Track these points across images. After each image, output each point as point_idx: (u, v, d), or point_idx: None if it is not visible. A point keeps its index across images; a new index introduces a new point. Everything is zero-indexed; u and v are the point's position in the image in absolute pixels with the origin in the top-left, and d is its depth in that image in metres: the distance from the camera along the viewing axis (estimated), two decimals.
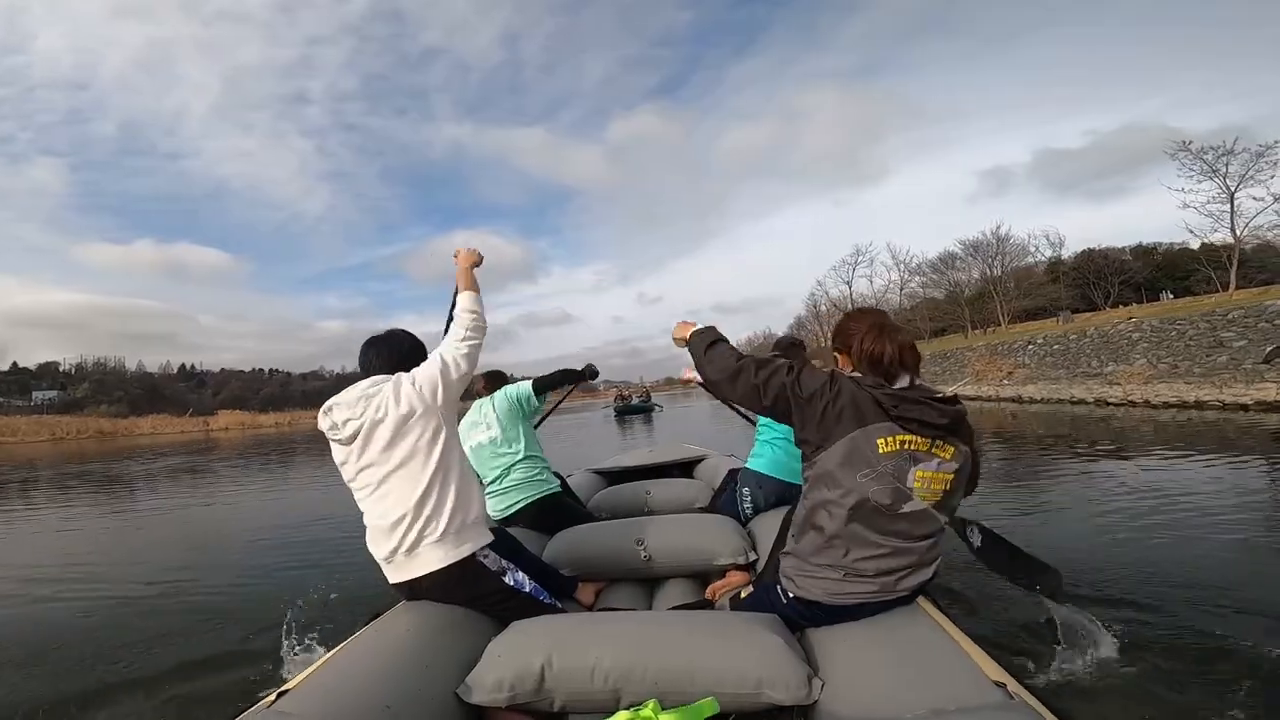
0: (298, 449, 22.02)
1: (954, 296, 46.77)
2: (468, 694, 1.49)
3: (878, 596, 1.56)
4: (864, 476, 1.50)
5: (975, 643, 1.48)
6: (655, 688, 1.44)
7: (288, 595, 3.47)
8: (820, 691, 1.41)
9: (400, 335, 2.00)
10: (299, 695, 1.35)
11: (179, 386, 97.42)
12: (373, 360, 1.93)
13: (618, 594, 2.44)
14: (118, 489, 12.69)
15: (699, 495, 3.42)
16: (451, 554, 1.78)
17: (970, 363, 22.27)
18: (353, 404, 1.79)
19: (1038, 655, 2.27)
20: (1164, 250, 57.48)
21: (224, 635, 3.28)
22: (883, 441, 1.50)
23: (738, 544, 2.43)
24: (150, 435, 53.16)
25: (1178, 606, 2.70)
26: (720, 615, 1.83)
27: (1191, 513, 4.32)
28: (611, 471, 4.57)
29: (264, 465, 16.53)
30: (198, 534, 7.18)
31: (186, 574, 4.88)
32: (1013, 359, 19.94)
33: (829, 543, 1.56)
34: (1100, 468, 6.68)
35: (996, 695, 1.23)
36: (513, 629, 1.66)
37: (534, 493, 2.98)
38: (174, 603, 4.07)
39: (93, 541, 6.97)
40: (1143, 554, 3.50)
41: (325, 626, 2.97)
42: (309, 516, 7.42)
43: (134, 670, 2.90)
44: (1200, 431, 8.90)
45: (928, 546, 1.57)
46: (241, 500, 10.01)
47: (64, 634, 3.47)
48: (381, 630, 1.68)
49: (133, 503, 10.55)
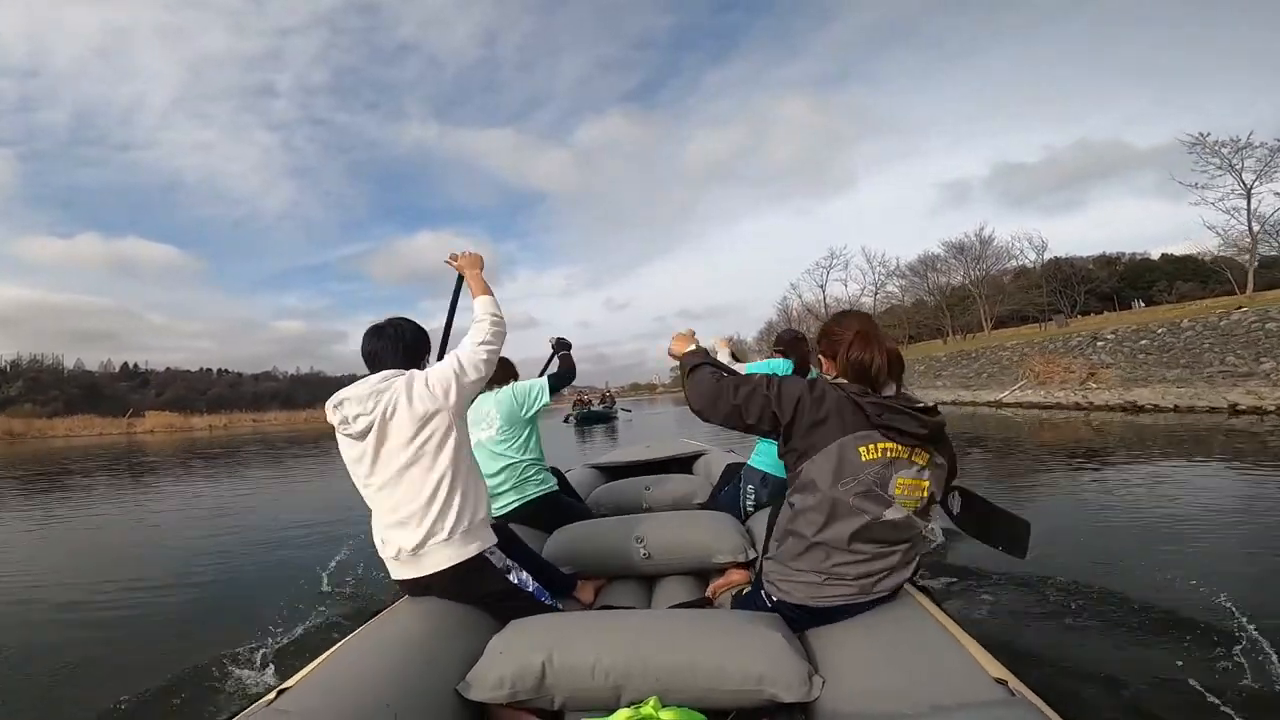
0: (219, 457, 19.05)
1: (932, 301, 43.47)
2: (468, 691, 1.45)
3: (857, 598, 1.56)
4: (845, 485, 1.50)
5: (975, 639, 1.47)
6: (656, 685, 1.41)
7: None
8: (821, 689, 1.38)
9: (402, 324, 1.92)
10: (299, 693, 1.30)
11: (120, 386, 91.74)
12: (378, 352, 1.86)
13: (617, 591, 2.39)
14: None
15: (698, 491, 3.37)
16: (459, 553, 1.74)
17: (1025, 363, 18.15)
18: (364, 399, 1.73)
19: (1038, 652, 2.26)
20: (1126, 260, 56.83)
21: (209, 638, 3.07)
22: (864, 449, 1.50)
23: (737, 541, 2.39)
24: (65, 438, 45.06)
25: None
26: (720, 613, 1.83)
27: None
28: (610, 467, 4.46)
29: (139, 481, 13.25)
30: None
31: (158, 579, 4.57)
32: (1082, 358, 15.86)
33: (809, 549, 1.56)
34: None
35: (998, 692, 1.21)
36: (513, 626, 1.63)
37: (530, 493, 2.89)
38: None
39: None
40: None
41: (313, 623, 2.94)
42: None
43: (127, 674, 2.76)
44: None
45: (906, 549, 1.58)
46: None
47: (41, 644, 3.29)
48: (382, 627, 1.65)
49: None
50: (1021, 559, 1.88)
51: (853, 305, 54.04)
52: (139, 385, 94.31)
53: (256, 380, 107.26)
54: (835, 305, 55.77)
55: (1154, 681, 2.08)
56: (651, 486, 3.41)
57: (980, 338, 36.81)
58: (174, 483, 12.59)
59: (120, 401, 76.70)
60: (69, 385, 79.70)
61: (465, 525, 1.75)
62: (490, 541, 1.84)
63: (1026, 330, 36.14)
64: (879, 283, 52.38)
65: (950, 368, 23.04)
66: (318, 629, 2.95)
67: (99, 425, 55.01)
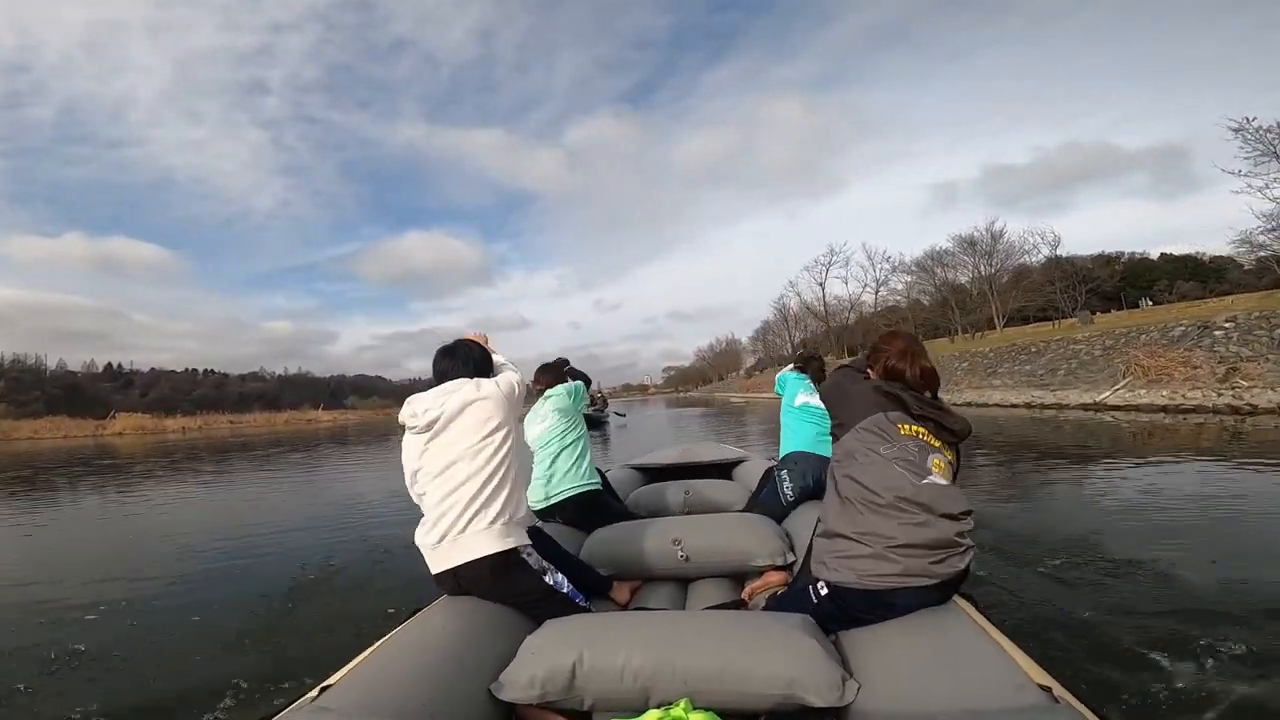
0: (182, 465, 16.15)
1: (939, 297, 40.73)
2: (500, 691, 1.46)
3: (908, 581, 1.53)
4: (887, 449, 1.61)
5: (1017, 645, 1.40)
6: (685, 687, 1.41)
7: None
8: (855, 694, 1.35)
9: (471, 345, 2.09)
10: (340, 690, 1.32)
11: (104, 387, 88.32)
12: (449, 369, 2.01)
13: (653, 593, 2.37)
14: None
15: (738, 498, 3.32)
16: (497, 544, 1.81)
17: (1112, 358, 15.31)
18: (435, 397, 1.90)
19: (1082, 659, 2.20)
20: (1125, 260, 55.19)
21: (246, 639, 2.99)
22: (902, 426, 1.64)
23: (776, 545, 2.37)
24: (30, 440, 41.38)
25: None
26: (752, 615, 1.79)
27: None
28: (650, 468, 4.43)
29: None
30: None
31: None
32: (1200, 350, 13.02)
33: (858, 511, 1.61)
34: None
35: (1041, 698, 1.15)
36: (547, 627, 1.64)
37: (576, 486, 2.92)
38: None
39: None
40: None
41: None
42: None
43: (169, 669, 2.73)
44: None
45: (955, 527, 1.56)
46: None
47: (84, 641, 3.12)
48: (421, 626, 1.66)
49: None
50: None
51: (853, 304, 51.39)
52: (122, 386, 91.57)
53: (243, 381, 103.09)
54: (835, 304, 53.08)
55: (1200, 687, 1.98)
56: (691, 490, 3.39)
57: (990, 337, 34.26)
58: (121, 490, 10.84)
59: (103, 402, 73.80)
60: (50, 385, 77.03)
61: (506, 519, 1.84)
62: (526, 541, 1.93)
63: (1042, 329, 33.66)
64: (880, 280, 49.57)
65: (1004, 364, 20.29)
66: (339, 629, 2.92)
67: (66, 427, 51.41)
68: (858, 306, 52.32)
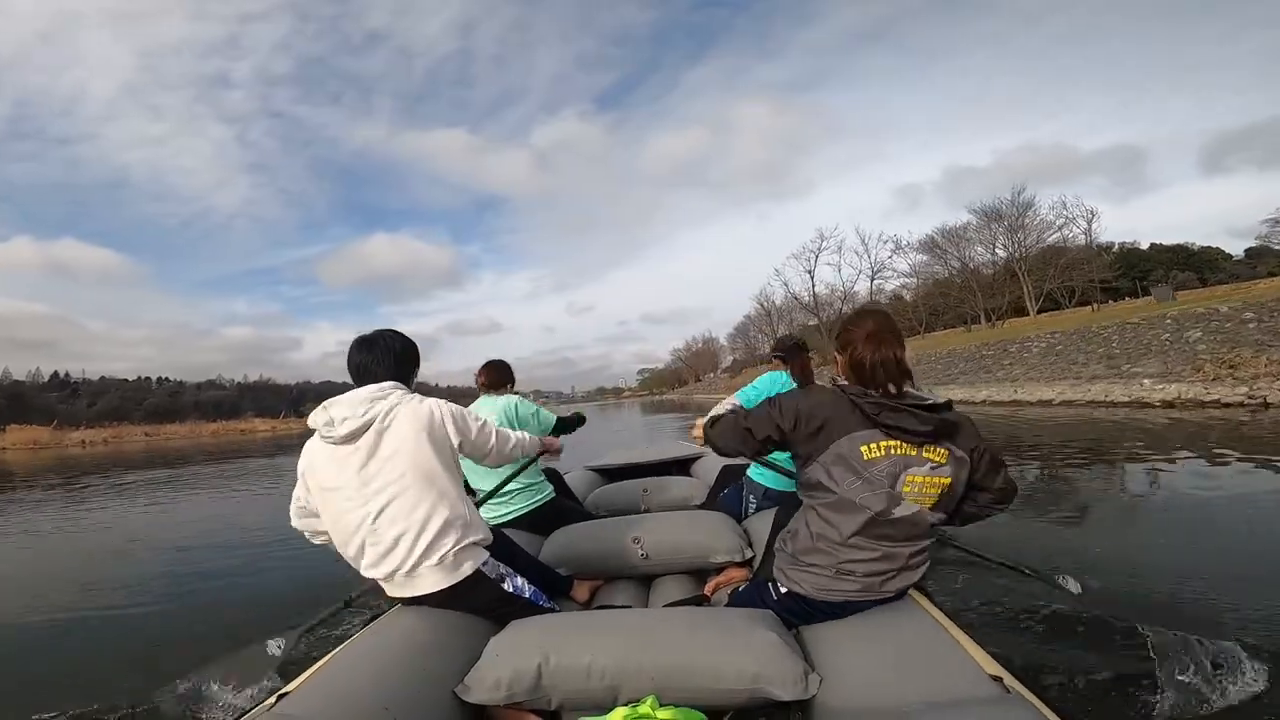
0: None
1: (959, 280, 33.53)
2: (466, 694, 1.40)
3: (863, 596, 1.53)
4: (852, 484, 1.46)
5: (970, 637, 1.42)
6: (652, 684, 1.36)
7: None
8: (818, 687, 1.34)
9: (391, 336, 1.80)
10: (298, 697, 1.26)
11: (49, 397, 79.90)
12: (368, 364, 1.72)
13: (614, 592, 2.28)
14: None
15: (696, 493, 3.22)
16: (452, 576, 1.65)
17: None
18: (355, 404, 1.62)
19: (1032, 650, 2.09)
20: (1115, 250, 49.59)
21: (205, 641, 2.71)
22: (867, 448, 1.45)
23: (734, 541, 2.30)
24: None
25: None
26: (717, 611, 1.74)
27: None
28: (608, 469, 4.22)
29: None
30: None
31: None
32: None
33: (818, 545, 1.53)
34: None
35: (993, 689, 1.17)
36: (512, 628, 1.58)
37: (529, 502, 2.76)
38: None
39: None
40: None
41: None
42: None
43: (122, 678, 2.44)
44: None
45: (916, 550, 1.54)
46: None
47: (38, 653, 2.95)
48: (381, 631, 1.58)
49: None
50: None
51: (846, 293, 44.49)
52: (69, 395, 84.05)
53: (199, 389, 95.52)
54: (826, 294, 46.03)
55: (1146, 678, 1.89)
56: (649, 488, 3.25)
57: (1017, 325, 27.29)
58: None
59: (48, 412, 66.35)
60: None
61: (458, 548, 1.66)
62: (483, 558, 1.76)
63: (1081, 314, 26.81)
64: (876, 266, 42.61)
65: (1076, 348, 13.86)
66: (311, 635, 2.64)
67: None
68: (850, 297, 45.23)
